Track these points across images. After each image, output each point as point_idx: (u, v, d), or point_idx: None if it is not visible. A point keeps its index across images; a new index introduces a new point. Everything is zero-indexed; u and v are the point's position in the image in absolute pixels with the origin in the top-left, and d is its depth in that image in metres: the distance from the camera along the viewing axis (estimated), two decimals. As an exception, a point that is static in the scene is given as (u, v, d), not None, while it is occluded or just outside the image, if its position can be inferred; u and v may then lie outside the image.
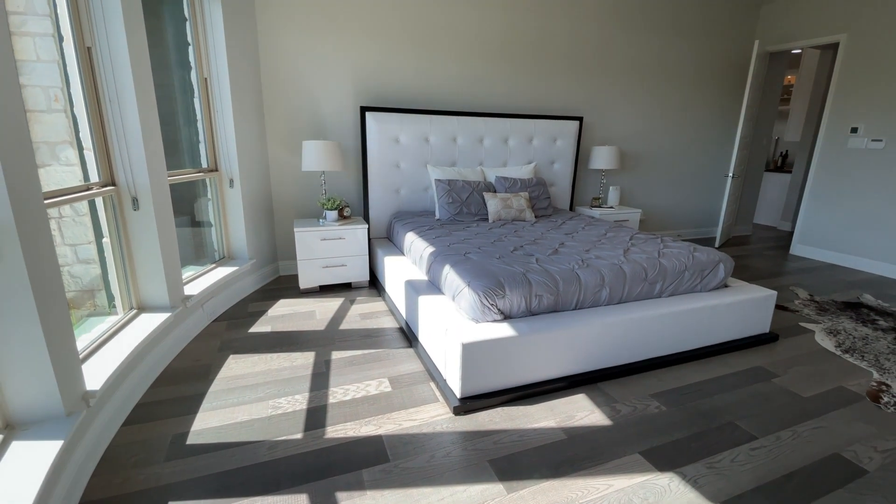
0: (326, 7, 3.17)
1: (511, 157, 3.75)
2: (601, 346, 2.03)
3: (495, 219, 3.26)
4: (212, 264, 2.91)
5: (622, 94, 4.31)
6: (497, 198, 3.31)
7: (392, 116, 3.32)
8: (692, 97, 4.67)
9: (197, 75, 2.74)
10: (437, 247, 2.49)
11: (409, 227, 3.04)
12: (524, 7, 3.70)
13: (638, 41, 4.22)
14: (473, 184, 3.38)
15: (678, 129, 4.71)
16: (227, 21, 2.72)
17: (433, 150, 3.49)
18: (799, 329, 2.72)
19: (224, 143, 2.89)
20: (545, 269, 2.08)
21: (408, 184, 3.48)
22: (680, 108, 4.64)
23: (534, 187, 3.57)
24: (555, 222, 3.27)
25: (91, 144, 1.95)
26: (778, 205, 6.13)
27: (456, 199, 3.27)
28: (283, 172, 3.37)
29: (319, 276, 3.12)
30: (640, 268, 2.22)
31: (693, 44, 4.48)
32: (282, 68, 3.18)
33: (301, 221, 3.21)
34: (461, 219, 3.25)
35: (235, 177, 2.94)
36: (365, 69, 3.38)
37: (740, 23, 4.66)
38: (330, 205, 3.10)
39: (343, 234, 3.10)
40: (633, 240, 2.72)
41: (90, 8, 1.83)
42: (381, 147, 3.33)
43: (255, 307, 2.87)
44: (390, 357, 2.23)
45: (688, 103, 4.67)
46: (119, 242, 2.07)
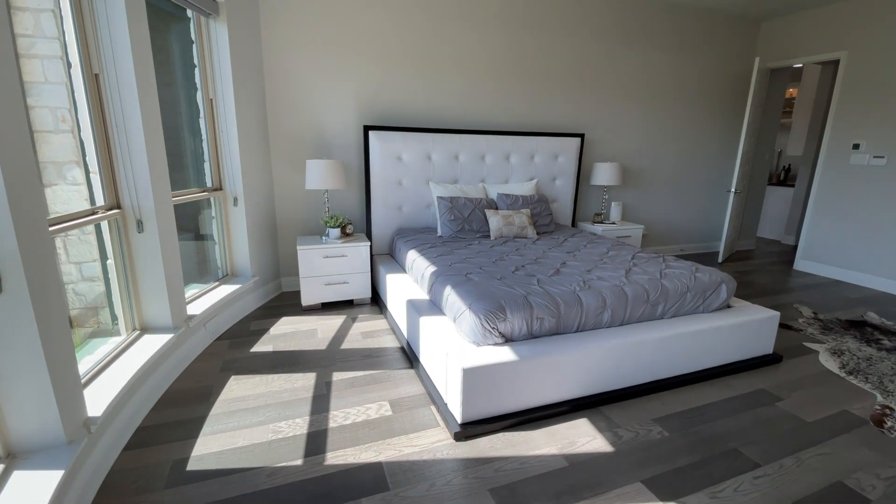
0: (330, 28, 3.23)
1: (513, 174, 3.78)
2: (603, 369, 2.02)
3: (497, 236, 3.27)
4: (215, 282, 2.93)
5: (624, 111, 4.34)
6: (499, 215, 3.32)
7: (395, 135, 3.35)
8: (694, 113, 4.69)
9: (202, 96, 2.78)
10: (438, 266, 2.50)
11: (410, 244, 3.05)
12: (525, 26, 3.75)
13: (639, 58, 4.25)
14: (475, 201, 3.40)
15: (680, 145, 4.73)
16: (233, 43, 2.76)
17: (435, 167, 3.51)
18: (803, 349, 2.70)
19: (228, 162, 2.92)
20: (546, 292, 2.08)
21: (410, 201, 3.50)
22: (682, 124, 4.66)
23: (535, 204, 3.58)
24: (556, 239, 3.27)
25: (97, 168, 1.97)
26: (781, 218, 6.12)
27: (458, 217, 3.28)
28: (286, 190, 3.40)
29: (322, 293, 3.13)
30: (641, 289, 2.21)
31: (694, 60, 4.51)
32: (286, 88, 3.23)
33: (304, 238, 3.23)
34: (463, 236, 3.26)
35: (239, 195, 2.97)
36: (368, 89, 3.42)
37: (741, 39, 4.70)
38: (333, 222, 3.12)
39: (345, 252, 3.12)
40: (635, 259, 2.72)
41: (98, 36, 1.87)
42: (383, 165, 3.35)
43: (258, 325, 2.87)
44: (391, 378, 2.23)
45: (689, 119, 4.69)
46: (123, 264, 2.09)
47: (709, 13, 4.45)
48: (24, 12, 1.97)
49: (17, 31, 1.96)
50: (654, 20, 4.22)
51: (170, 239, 2.19)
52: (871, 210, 4.01)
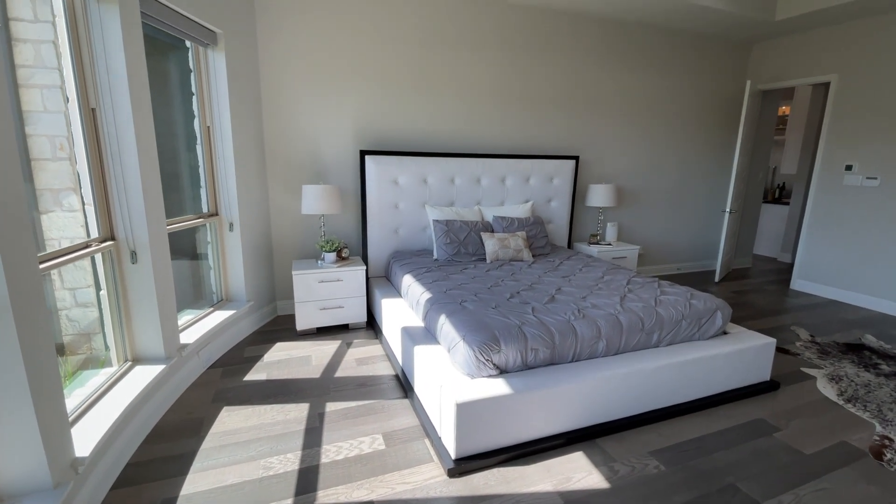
0: (327, 56, 3.27)
1: (508, 196, 3.80)
2: (599, 400, 2.00)
3: (493, 259, 3.27)
4: (209, 308, 2.92)
5: (618, 133, 4.39)
6: (494, 238, 3.33)
7: (391, 159, 3.38)
8: (688, 133, 4.74)
9: (199, 123, 2.80)
10: (433, 293, 2.49)
11: (406, 268, 3.05)
12: (520, 49, 3.81)
13: (632, 81, 4.32)
14: (471, 224, 3.41)
15: (674, 165, 4.77)
16: (231, 72, 2.80)
17: (431, 190, 3.53)
18: (800, 375, 2.68)
19: (225, 188, 2.93)
20: (541, 321, 2.08)
21: (406, 224, 3.51)
22: (676, 144, 4.71)
23: (531, 226, 3.59)
24: (552, 263, 3.27)
25: (92, 200, 1.98)
26: (777, 236, 6.14)
27: (454, 240, 3.29)
28: (283, 214, 3.41)
29: (317, 317, 3.11)
30: (636, 318, 2.21)
31: (688, 82, 4.58)
32: (283, 114, 3.26)
33: (300, 263, 3.23)
34: (459, 259, 3.26)
35: (235, 221, 2.97)
36: (365, 114, 3.45)
37: (732, 62, 4.78)
38: (328, 247, 3.13)
39: (341, 276, 3.11)
40: (630, 284, 2.72)
41: (95, 71, 1.90)
42: (380, 188, 3.37)
43: (252, 351, 2.85)
44: (385, 409, 2.20)
45: (683, 139, 4.74)
46: (116, 295, 2.08)
47: (701, 37, 4.53)
48: (25, 44, 2.01)
49: (17, 61, 1.99)
50: (647, 44, 4.30)
51: (163, 269, 2.19)
52: (865, 230, 4.03)
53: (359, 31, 3.32)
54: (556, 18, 3.89)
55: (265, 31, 3.11)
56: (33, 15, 2.01)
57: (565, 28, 3.94)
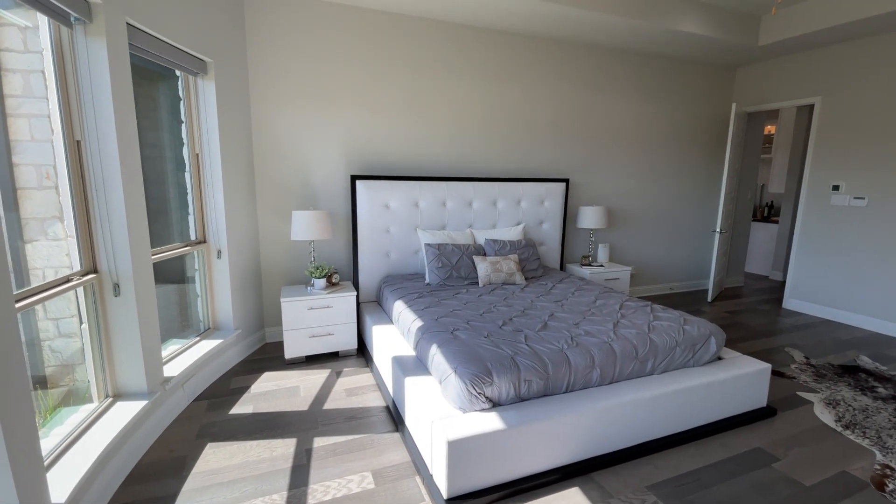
0: (318, 82, 3.29)
1: (500, 219, 3.79)
2: (594, 432, 1.96)
3: (485, 283, 3.24)
4: (196, 337, 2.85)
5: (607, 156, 4.43)
6: (487, 262, 3.31)
7: (383, 184, 3.37)
8: (675, 155, 4.80)
9: (188, 151, 2.79)
10: (424, 321, 2.46)
11: (397, 293, 3.02)
12: (510, 75, 3.86)
13: (621, 105, 4.38)
14: (463, 247, 3.39)
15: (663, 186, 4.81)
16: (220, 100, 2.80)
17: (423, 214, 3.52)
18: (797, 400, 2.65)
19: (213, 215, 2.90)
20: (534, 351, 2.04)
21: (398, 248, 3.48)
22: (664, 166, 4.76)
23: (523, 249, 3.58)
24: (545, 286, 3.25)
25: (75, 232, 1.94)
26: (768, 254, 6.18)
27: (446, 264, 3.26)
28: (272, 240, 3.38)
29: (306, 345, 3.05)
30: (630, 346, 2.18)
31: (674, 106, 4.65)
32: (273, 140, 3.26)
33: (289, 289, 3.18)
34: (451, 283, 3.23)
35: (223, 248, 2.93)
36: (356, 139, 3.46)
37: (718, 85, 4.88)
38: (318, 273, 3.09)
39: (331, 303, 3.07)
40: (623, 309, 2.70)
41: (81, 103, 1.88)
42: (371, 213, 3.36)
43: (239, 382, 2.78)
44: (375, 444, 2.14)
45: (671, 161, 4.79)
46: (97, 329, 2.02)
47: (687, 62, 4.63)
48: (15, 74, 1.99)
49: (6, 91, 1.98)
50: (635, 69, 4.38)
51: (147, 301, 2.14)
52: (854, 250, 4.06)
53: (349, 57, 3.35)
54: (546, 45, 3.96)
55: (255, 59, 3.13)
56: (23, 45, 2.01)
57: (555, 54, 4.01)
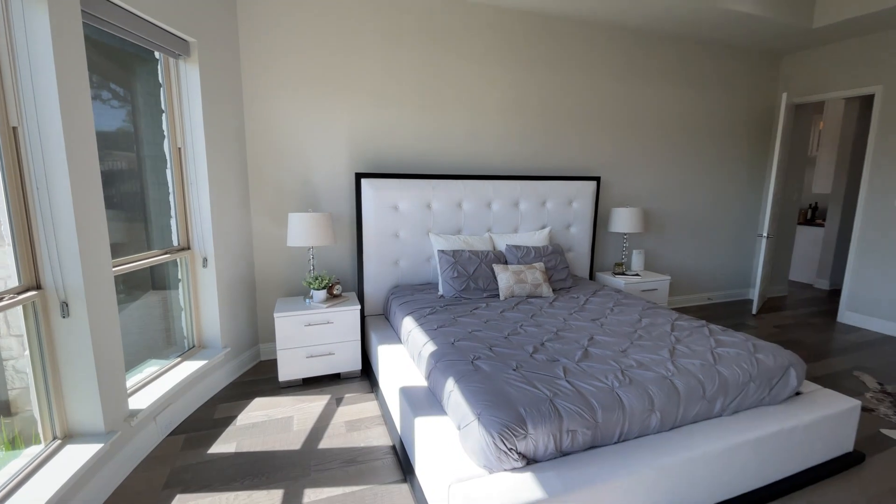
0: (319, 68, 2.92)
1: (522, 222, 3.38)
2: (656, 495, 1.53)
3: (507, 295, 2.83)
4: (177, 358, 2.49)
5: (640, 152, 3.99)
6: (508, 271, 2.90)
7: (391, 182, 2.99)
8: (714, 151, 4.34)
9: (170, 144, 2.43)
10: (438, 345, 2.06)
11: (406, 307, 2.63)
12: (532, 62, 3.45)
13: (656, 95, 3.94)
14: (481, 254, 2.99)
15: (701, 185, 4.35)
16: (205, 86, 2.44)
17: (436, 217, 3.13)
18: (883, 440, 2.19)
19: (198, 218, 2.54)
20: (577, 390, 1.63)
21: (408, 254, 3.09)
22: (701, 163, 4.30)
23: (549, 256, 3.16)
24: (577, 300, 2.83)
25: (11, 239, 1.59)
26: (811, 260, 5.66)
27: (462, 273, 2.86)
28: (267, 246, 3.01)
29: (303, 366, 2.67)
30: (695, 382, 1.75)
31: (713, 97, 4.19)
32: (269, 134, 2.90)
33: (284, 302, 2.81)
34: (468, 296, 2.83)
35: (210, 255, 2.57)
36: (361, 133, 3.09)
37: (761, 75, 4.40)
38: (317, 284, 2.71)
39: (331, 318, 2.69)
40: (676, 331, 2.27)
41: (19, 83, 1.52)
42: (378, 215, 2.97)
43: (224, 410, 2.41)
44: (378, 498, 1.74)
45: (709, 158, 4.33)
46: (41, 357, 1.66)
47: (728, 48, 4.17)
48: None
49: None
50: (670, 55, 3.94)
51: (105, 323, 1.78)
52: (927, 258, 3.56)
53: (356, 40, 2.98)
54: (573, 27, 3.54)
55: (248, 40, 2.77)
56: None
57: (583, 38, 3.59)
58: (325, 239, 2.72)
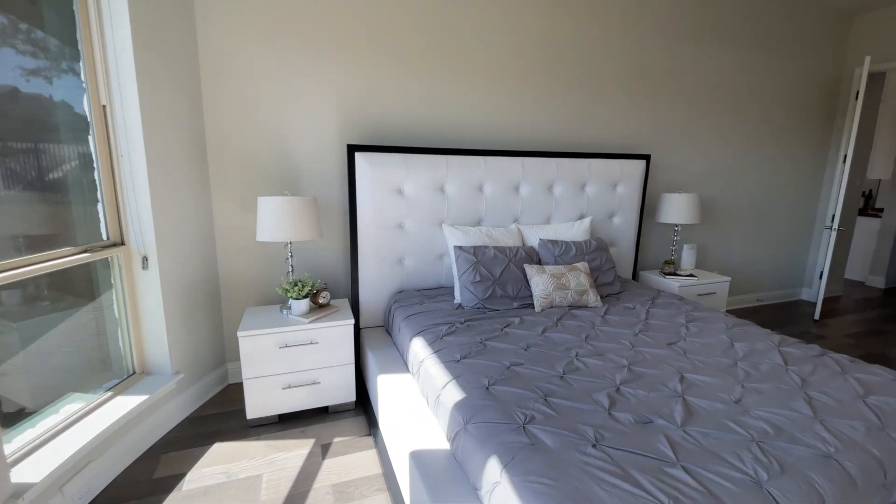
0: (304, 12, 2.23)
1: (557, 211, 2.72)
2: None
3: (545, 305, 2.20)
4: (107, 392, 1.85)
5: (689, 128, 3.32)
6: (546, 274, 2.26)
7: (393, 158, 2.32)
8: (769, 129, 3.67)
9: (90, 102, 1.76)
10: (466, 390, 1.42)
11: (415, 323, 1.99)
12: (570, 15, 2.76)
13: (707, 59, 3.25)
14: (509, 251, 2.34)
15: (752, 168, 3.68)
16: (138, 19, 1.76)
17: (451, 203, 2.47)
18: None
19: (132, 203, 1.88)
20: (705, 488, 1.00)
21: (415, 251, 2.44)
22: (755, 143, 3.63)
23: (593, 254, 2.52)
24: (634, 312, 2.20)
25: None
26: (865, 255, 5.04)
27: (486, 276, 2.22)
28: (235, 241, 2.35)
29: (278, 400, 2.04)
30: (872, 462, 1.13)
31: (769, 61, 3.51)
32: (236, 93, 2.21)
33: (256, 314, 2.16)
34: (494, 305, 2.19)
35: (151, 253, 1.92)
36: (356, 95, 2.40)
37: (827, 39, 3.71)
38: (296, 291, 2.05)
39: (316, 336, 2.05)
40: (791, 363, 1.64)
41: None
42: (377, 200, 2.31)
43: (170, 465, 1.78)
44: None
45: (764, 136, 3.66)
46: None
47: (790, 4, 3.47)
48: None
49: None
50: (722, 11, 3.24)
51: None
52: None
53: (346, -27, 2.28)
54: (619, -33, 2.84)
55: (203, -34, 2.07)
56: None
57: (631, -19, 2.89)
58: (307, 231, 2.06)
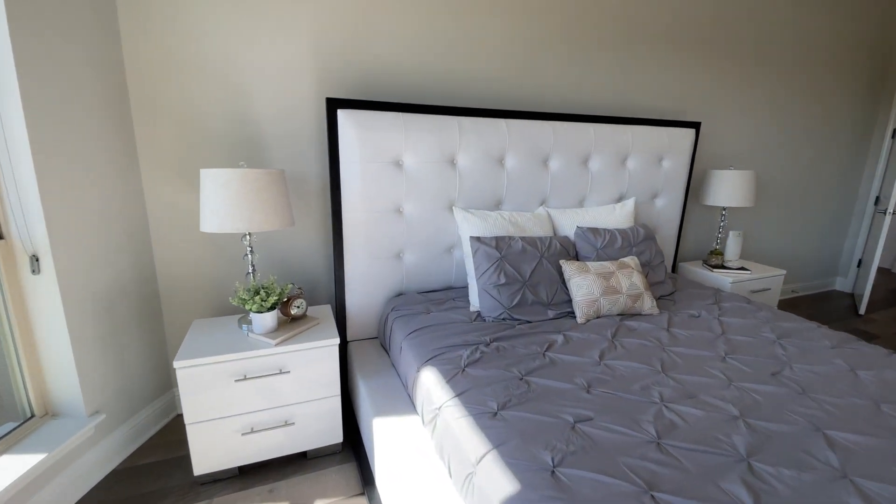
0: None
1: (593, 191, 2.19)
2: None
3: (590, 315, 1.69)
4: (-20, 451, 1.28)
5: (736, 95, 2.78)
6: (590, 273, 1.73)
7: (389, 119, 1.73)
8: (816, 101, 3.16)
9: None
10: (517, 472, 0.91)
11: (422, 345, 1.46)
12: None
13: (756, 6, 2.70)
14: (540, 244, 1.81)
15: (796, 144, 3.19)
16: None
17: (463, 179, 1.90)
18: None
19: (10, 182, 1.27)
20: None
21: (418, 242, 1.88)
22: (800, 117, 3.11)
23: (641, 245, 2.01)
24: (702, 321, 1.71)
25: None
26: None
27: (513, 277, 1.69)
28: (176, 229, 1.75)
29: (237, 449, 1.50)
30: None
31: (819, 24, 2.98)
32: (170, 29, 1.58)
33: (205, 331, 1.59)
34: (524, 315, 1.67)
35: (43, 251, 1.32)
36: (339, 33, 1.79)
37: None
38: (255, 303, 1.48)
39: (286, 363, 1.49)
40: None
41: None
42: (367, 176, 1.73)
43: (74, 557, 1.24)
44: None
45: (811, 108, 3.15)
46: None
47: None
48: None
49: None
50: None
51: None
52: None
53: None
54: None
55: None
56: None
57: None
58: (272, 218, 1.48)
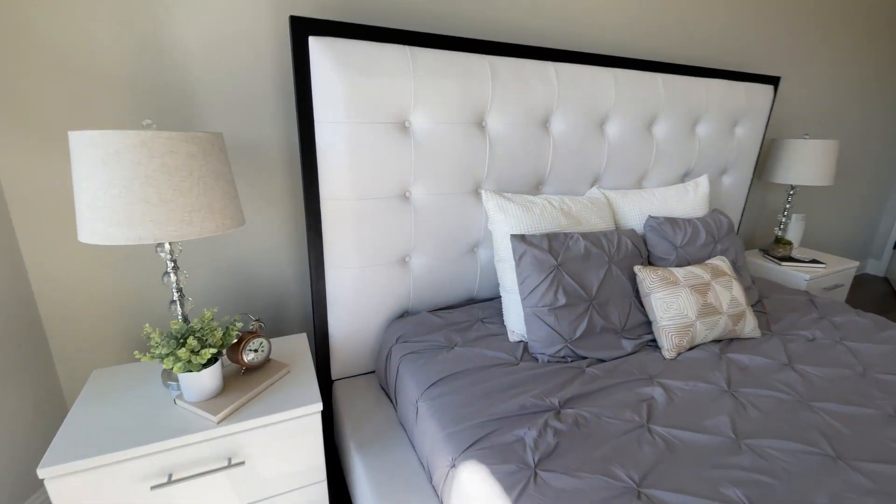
0: None
1: (658, 162, 1.65)
2: None
3: (681, 348, 1.18)
4: None
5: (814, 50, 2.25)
6: (680, 285, 1.22)
7: (390, 54, 1.11)
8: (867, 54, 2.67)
9: None
10: None
11: (448, 403, 0.94)
12: None
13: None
14: (606, 242, 1.28)
15: (846, 105, 2.71)
16: None
17: (495, 147, 1.32)
18: None
19: None
20: None
21: (431, 240, 1.31)
22: (858, 69, 2.63)
23: (725, 240, 1.50)
24: (825, 347, 1.24)
25: None
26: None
27: (576, 295, 1.17)
28: (55, 228, 1.12)
29: (166, 577, 0.95)
30: None
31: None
32: None
33: (105, 394, 1.00)
34: (594, 352, 1.15)
35: None
36: None
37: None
38: (181, 360, 0.88)
39: (238, 448, 0.93)
40: None
41: None
42: (359, 141, 1.13)
43: None
44: None
45: (863, 62, 2.66)
46: None
47: None
48: None
49: None
50: None
51: None
52: None
53: None
54: None
55: None
56: None
57: None
58: (206, 216, 0.88)
